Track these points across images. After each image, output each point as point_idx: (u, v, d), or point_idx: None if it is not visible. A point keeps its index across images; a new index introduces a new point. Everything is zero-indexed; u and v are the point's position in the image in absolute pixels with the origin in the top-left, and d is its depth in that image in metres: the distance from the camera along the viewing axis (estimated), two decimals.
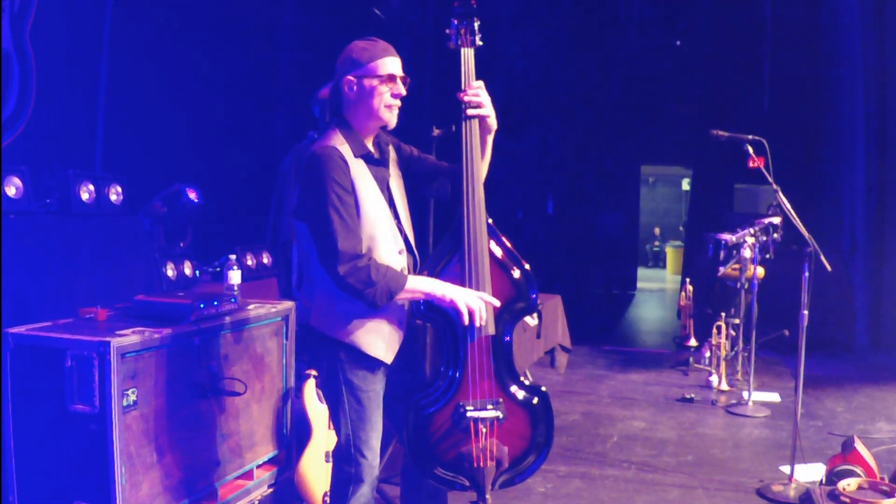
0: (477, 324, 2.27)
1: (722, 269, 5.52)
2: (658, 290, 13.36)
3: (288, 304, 3.49)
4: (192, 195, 4.33)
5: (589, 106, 11.01)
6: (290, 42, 6.89)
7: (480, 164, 2.40)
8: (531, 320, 5.20)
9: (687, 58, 10.38)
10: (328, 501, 3.07)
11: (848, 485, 3.20)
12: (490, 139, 2.44)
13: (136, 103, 5.00)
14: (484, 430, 2.33)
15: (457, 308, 2.24)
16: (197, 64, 5.58)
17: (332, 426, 2.50)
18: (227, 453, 3.05)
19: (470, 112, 2.37)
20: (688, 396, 5.38)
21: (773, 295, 5.96)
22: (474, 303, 2.26)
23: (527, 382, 2.43)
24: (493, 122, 2.41)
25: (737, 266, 5.49)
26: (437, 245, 2.40)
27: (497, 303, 2.33)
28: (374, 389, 2.34)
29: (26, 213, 3.38)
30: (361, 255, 2.21)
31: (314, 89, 3.63)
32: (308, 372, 3.19)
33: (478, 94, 2.36)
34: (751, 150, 4.14)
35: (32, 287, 3.23)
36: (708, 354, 6.13)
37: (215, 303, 2.98)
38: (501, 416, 2.34)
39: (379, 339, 2.32)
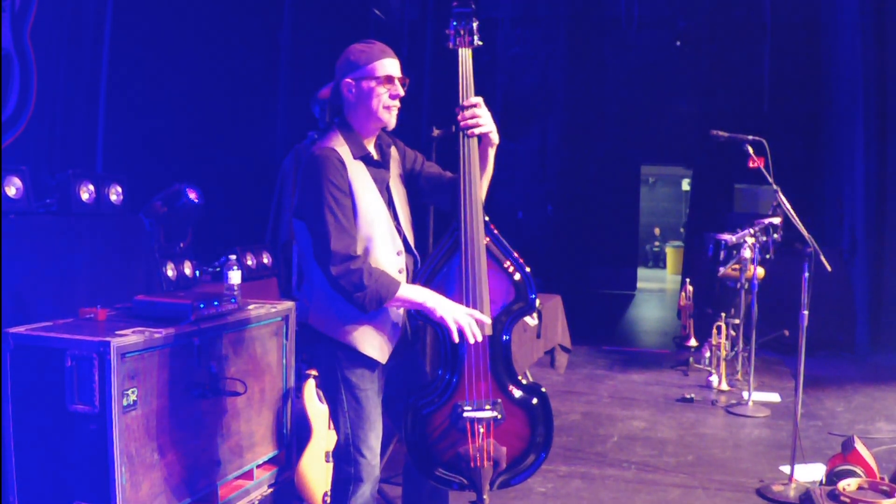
0: (470, 341, 2.25)
1: (722, 269, 5.52)
2: (658, 290, 13.36)
3: (288, 304, 3.49)
4: (192, 195, 4.33)
5: (589, 106, 11.03)
6: (290, 42, 6.89)
7: (479, 175, 2.38)
8: (531, 320, 5.20)
9: (687, 58, 10.39)
10: (328, 501, 3.07)
11: (848, 485, 3.20)
12: (492, 152, 2.42)
13: (136, 103, 5.00)
14: (481, 430, 2.33)
15: (444, 324, 2.24)
16: (197, 64, 5.58)
17: (332, 426, 2.50)
18: (227, 453, 3.05)
19: (471, 132, 2.34)
20: (688, 396, 5.39)
21: (773, 295, 5.95)
22: (463, 319, 2.24)
23: (525, 382, 2.43)
24: (494, 137, 2.40)
25: (737, 266, 5.49)
26: (436, 246, 2.40)
27: (488, 320, 2.31)
28: (372, 388, 2.35)
29: (26, 213, 3.38)
30: (355, 257, 2.21)
31: (314, 89, 3.63)
32: (308, 372, 3.20)
33: (475, 115, 2.34)
34: (751, 150, 4.14)
35: (32, 287, 3.23)
36: (708, 354, 6.13)
37: (215, 303, 2.98)
38: (499, 416, 2.34)
39: (373, 340, 2.32)
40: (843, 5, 7.57)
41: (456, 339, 2.24)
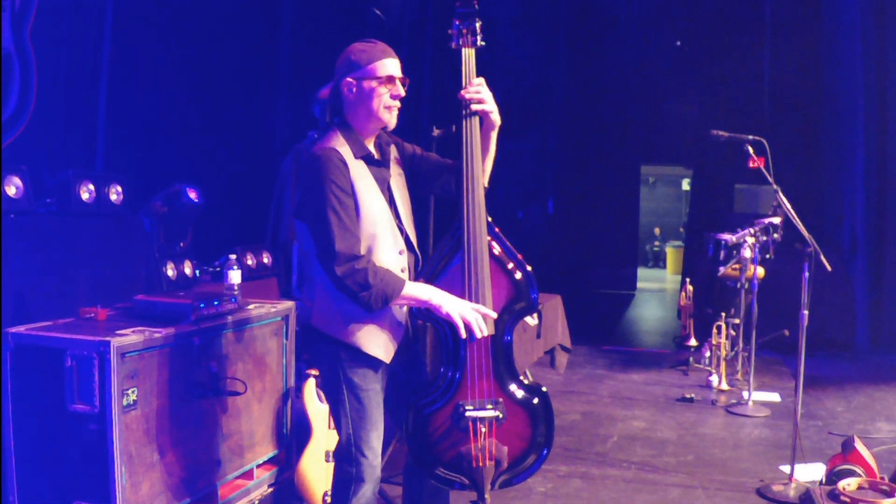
0: (478, 335, 2.27)
1: (722, 269, 5.52)
2: (658, 290, 13.36)
3: (288, 304, 3.49)
4: (192, 195, 4.33)
5: (589, 106, 11.02)
6: (290, 42, 6.89)
7: (481, 164, 2.40)
8: (531, 320, 5.21)
9: (687, 58, 10.38)
10: (328, 501, 3.07)
11: (848, 485, 3.20)
12: (493, 135, 2.45)
13: (136, 103, 5.00)
14: (483, 429, 2.33)
15: (451, 320, 2.24)
16: (197, 64, 5.58)
17: (332, 426, 2.50)
18: (228, 453, 3.05)
19: (474, 108, 2.37)
20: (688, 396, 5.38)
21: (773, 295, 5.95)
22: (470, 315, 2.25)
23: (527, 382, 2.43)
24: (496, 118, 2.42)
25: (737, 266, 5.49)
26: (438, 245, 2.40)
27: (494, 314, 2.32)
28: (375, 388, 2.35)
29: (26, 213, 3.38)
30: (359, 257, 2.21)
31: (314, 89, 3.63)
32: (308, 372, 3.20)
33: (479, 91, 2.37)
34: (751, 150, 4.14)
35: (32, 287, 3.23)
36: (708, 354, 6.13)
37: (215, 303, 2.98)
38: (501, 416, 2.34)
39: (378, 339, 2.32)
40: (843, 5, 7.56)
41: (463, 334, 2.25)
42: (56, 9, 4.16)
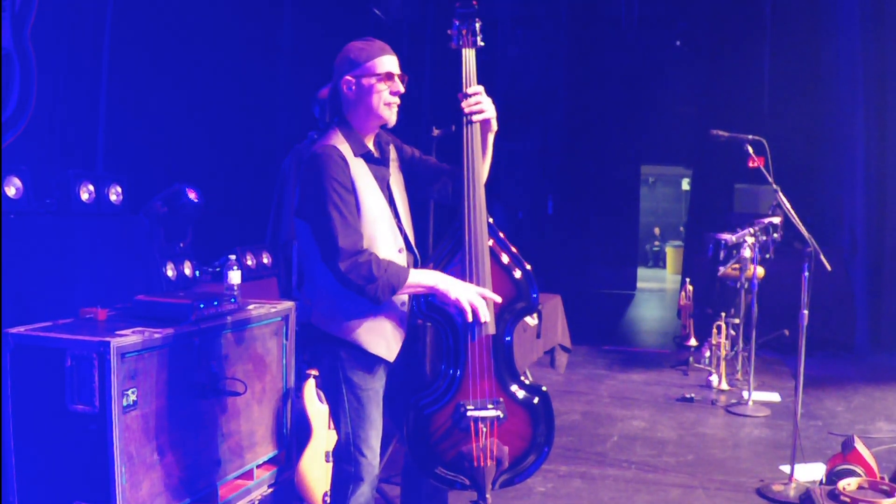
0: (482, 319, 2.28)
1: (722, 269, 5.52)
2: (658, 290, 13.36)
3: (288, 304, 3.49)
4: (192, 195, 4.33)
5: (589, 106, 11.03)
6: (290, 42, 6.89)
7: (481, 165, 2.41)
8: (531, 320, 5.20)
9: (687, 58, 10.39)
10: (328, 501, 3.07)
11: (848, 484, 3.20)
12: (491, 138, 2.46)
13: (136, 103, 5.00)
14: (484, 429, 2.33)
15: (459, 305, 2.25)
16: (197, 64, 5.58)
17: (332, 426, 2.50)
18: (228, 453, 3.05)
19: (475, 118, 2.38)
20: (688, 396, 5.39)
21: (773, 295, 5.95)
22: (476, 299, 2.27)
23: (527, 382, 2.43)
24: (494, 124, 2.44)
25: (737, 266, 5.49)
26: (438, 245, 2.41)
27: (499, 299, 2.33)
28: (374, 388, 2.35)
29: (26, 213, 3.38)
30: (362, 251, 2.22)
31: (314, 89, 3.63)
32: (309, 372, 3.19)
33: (479, 102, 2.38)
34: (751, 150, 4.14)
35: (32, 287, 3.23)
36: (708, 354, 6.13)
37: (215, 303, 2.98)
38: (502, 415, 2.34)
39: (380, 338, 2.32)
40: (843, 5, 7.56)
41: (470, 318, 2.25)
42: (56, 9, 4.16)
